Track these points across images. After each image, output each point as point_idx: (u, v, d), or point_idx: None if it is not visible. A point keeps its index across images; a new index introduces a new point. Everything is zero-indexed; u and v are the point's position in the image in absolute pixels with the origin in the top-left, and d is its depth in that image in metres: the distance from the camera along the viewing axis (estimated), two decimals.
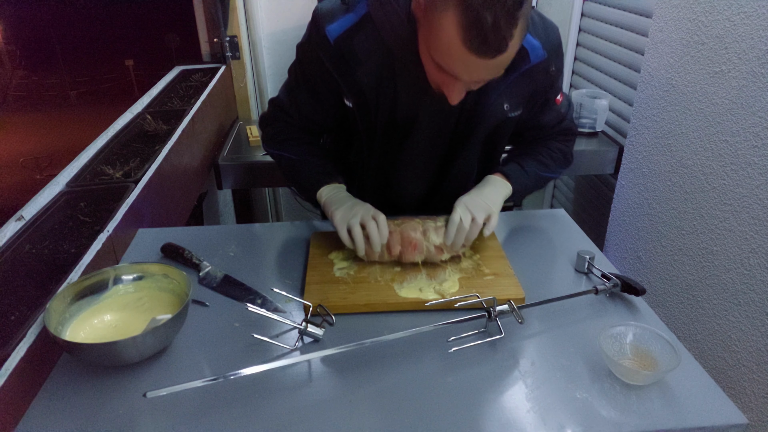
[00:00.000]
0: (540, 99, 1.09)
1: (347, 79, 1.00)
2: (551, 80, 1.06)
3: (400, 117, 1.05)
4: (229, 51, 2.16)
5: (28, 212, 1.06)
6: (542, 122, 1.14)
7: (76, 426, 0.70)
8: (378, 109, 1.03)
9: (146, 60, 3.01)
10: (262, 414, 0.72)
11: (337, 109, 1.09)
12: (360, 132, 1.09)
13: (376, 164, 1.14)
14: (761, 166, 1.22)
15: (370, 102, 1.02)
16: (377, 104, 1.02)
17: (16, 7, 2.68)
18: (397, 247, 0.98)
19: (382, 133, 1.07)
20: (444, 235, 0.98)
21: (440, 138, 1.09)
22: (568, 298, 0.91)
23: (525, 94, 1.05)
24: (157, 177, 1.30)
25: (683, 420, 0.71)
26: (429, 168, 1.16)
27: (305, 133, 1.16)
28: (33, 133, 2.57)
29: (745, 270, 1.27)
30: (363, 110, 1.04)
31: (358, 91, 1.01)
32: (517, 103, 1.05)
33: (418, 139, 1.09)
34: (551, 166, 1.16)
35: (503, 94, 1.02)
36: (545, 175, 1.15)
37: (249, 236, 1.16)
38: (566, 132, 1.18)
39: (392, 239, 0.97)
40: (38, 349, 0.77)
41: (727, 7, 1.29)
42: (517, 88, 1.02)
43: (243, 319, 0.89)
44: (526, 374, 0.78)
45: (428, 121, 1.06)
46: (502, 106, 1.03)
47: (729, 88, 1.30)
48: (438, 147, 1.11)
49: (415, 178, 1.17)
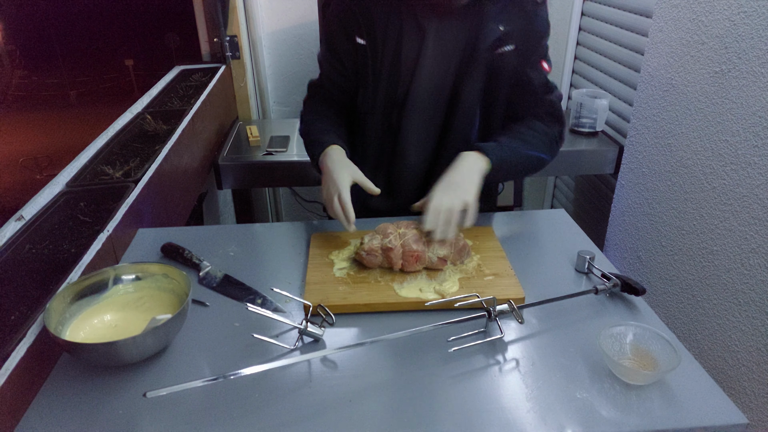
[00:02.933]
0: (530, 40, 1.12)
1: (362, 9, 1.11)
2: (540, 21, 1.11)
3: (405, 54, 1.12)
4: (229, 51, 2.16)
5: (28, 212, 1.06)
6: (532, 80, 1.14)
7: (76, 426, 0.70)
8: (385, 47, 1.11)
9: (146, 60, 3.01)
10: (262, 414, 0.72)
11: (351, 61, 1.17)
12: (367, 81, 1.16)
13: (378, 134, 1.21)
14: (761, 166, 1.22)
15: (378, 38, 1.11)
16: (384, 42, 1.11)
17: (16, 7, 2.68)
18: (399, 262, 0.97)
19: (387, 77, 1.14)
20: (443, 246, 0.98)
21: (444, 78, 1.14)
22: (568, 298, 0.91)
23: (516, 21, 1.09)
24: (157, 177, 1.30)
25: (683, 420, 0.71)
26: (430, 133, 1.20)
27: (335, 104, 1.25)
28: (33, 133, 2.57)
29: (745, 270, 1.27)
30: (372, 47, 1.12)
31: (370, 22, 1.11)
32: (509, 31, 1.09)
33: (422, 87, 1.14)
34: (534, 144, 1.13)
35: (497, 19, 1.08)
36: (528, 152, 1.13)
37: (249, 236, 1.16)
38: (552, 110, 1.17)
39: (394, 254, 0.96)
40: (38, 349, 0.77)
41: (727, 6, 1.29)
42: (508, 13, 1.09)
43: (243, 319, 0.89)
44: (526, 374, 0.78)
45: (432, 57, 1.12)
46: (497, 28, 1.08)
47: (729, 88, 1.30)
48: (441, 95, 1.15)
49: (418, 139, 1.20)
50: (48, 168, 2.13)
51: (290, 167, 1.88)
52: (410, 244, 0.97)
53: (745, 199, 1.26)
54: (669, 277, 1.56)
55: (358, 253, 0.99)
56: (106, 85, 3.11)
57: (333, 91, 1.25)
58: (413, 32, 1.11)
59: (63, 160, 1.30)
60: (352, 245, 1.07)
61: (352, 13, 1.12)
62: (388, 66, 1.13)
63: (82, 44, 2.99)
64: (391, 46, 1.12)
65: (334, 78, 1.22)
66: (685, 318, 1.50)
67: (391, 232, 0.98)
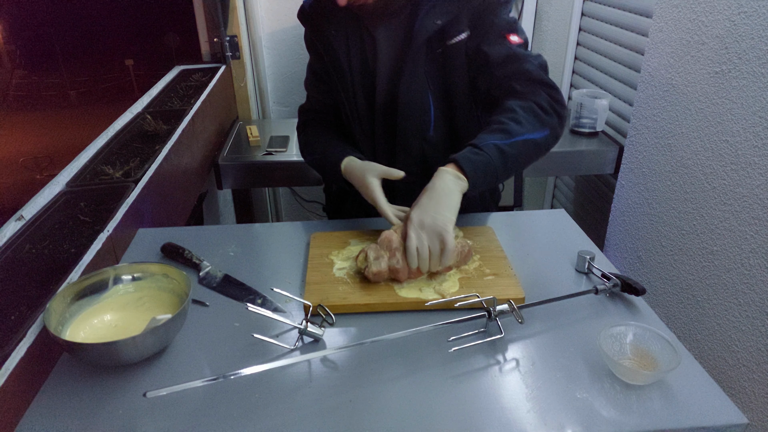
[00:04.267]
0: (484, 19, 1.06)
1: (318, 33, 1.15)
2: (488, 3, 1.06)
3: (365, 68, 1.15)
4: (229, 51, 2.16)
5: (28, 212, 1.06)
6: (489, 56, 1.05)
7: (76, 426, 0.70)
8: (350, 60, 1.14)
9: (146, 60, 3.00)
10: (262, 414, 0.72)
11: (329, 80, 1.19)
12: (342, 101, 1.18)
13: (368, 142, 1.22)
14: (761, 166, 1.22)
15: (340, 54, 1.13)
16: (348, 55, 1.14)
17: (16, 7, 2.68)
18: (406, 277, 0.95)
19: (360, 88, 1.16)
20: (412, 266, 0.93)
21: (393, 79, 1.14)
22: (568, 298, 0.91)
23: (457, 10, 1.06)
24: (157, 177, 1.30)
25: (683, 420, 0.71)
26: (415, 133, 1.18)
27: (329, 127, 1.26)
28: (33, 133, 2.57)
29: (745, 270, 1.27)
30: (336, 64, 1.15)
31: (328, 44, 1.14)
32: (452, 20, 1.06)
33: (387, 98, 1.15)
34: (517, 130, 0.99)
35: (432, 12, 1.06)
36: (511, 141, 0.98)
37: (249, 236, 1.16)
38: (532, 80, 1.05)
39: (401, 272, 0.93)
40: (38, 349, 0.77)
41: (727, 7, 1.29)
42: (446, 5, 1.06)
43: (243, 319, 0.89)
44: (526, 374, 0.78)
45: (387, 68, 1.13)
46: (433, 22, 1.06)
47: (729, 88, 1.30)
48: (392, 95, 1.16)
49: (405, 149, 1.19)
50: (48, 168, 2.13)
51: (290, 167, 1.88)
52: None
53: (745, 199, 1.26)
54: (669, 277, 1.56)
55: (365, 273, 0.95)
56: (106, 85, 3.11)
57: (325, 113, 1.27)
58: (366, 41, 1.13)
59: (63, 160, 1.30)
60: (353, 245, 1.07)
61: (310, 36, 1.19)
62: (358, 77, 1.15)
63: (82, 44, 2.99)
64: (355, 58, 1.14)
65: (323, 99, 1.26)
66: (685, 318, 1.50)
67: (396, 248, 0.94)
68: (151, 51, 2.92)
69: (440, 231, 0.90)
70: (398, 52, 1.12)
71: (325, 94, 1.24)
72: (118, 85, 3.06)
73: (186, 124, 1.58)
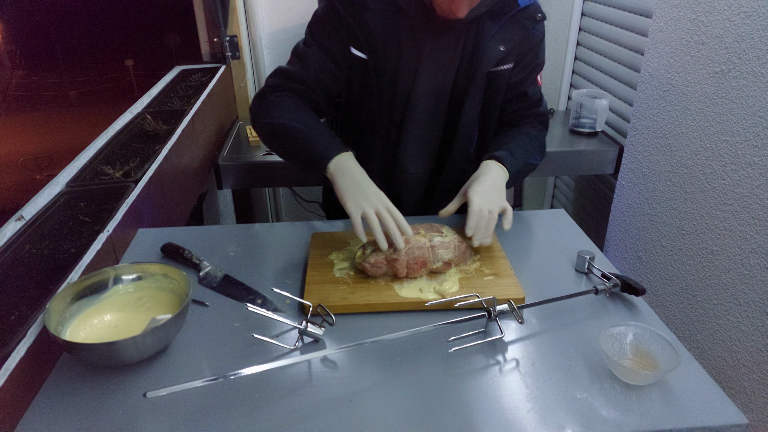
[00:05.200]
0: (528, 57, 1.15)
1: (359, 22, 1.07)
2: (538, 38, 1.14)
3: (403, 68, 1.11)
4: (229, 51, 2.16)
5: (28, 212, 1.06)
6: (528, 96, 1.20)
7: (76, 426, 0.70)
8: (386, 62, 1.10)
9: (146, 60, 3.00)
10: (262, 414, 0.72)
11: (345, 68, 1.14)
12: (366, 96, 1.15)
13: (379, 149, 1.20)
14: (761, 166, 1.22)
15: (378, 48, 1.09)
16: (384, 53, 1.09)
17: (16, 7, 2.68)
18: (404, 271, 0.95)
19: (388, 93, 1.14)
20: (465, 227, 1.01)
21: (441, 94, 1.15)
22: (568, 298, 0.91)
23: (516, 40, 1.11)
24: (157, 177, 1.30)
25: (683, 420, 0.71)
26: (429, 148, 1.22)
27: (309, 103, 1.12)
28: (33, 133, 2.56)
29: (745, 270, 1.27)
30: (375, 62, 1.10)
31: (368, 35, 1.08)
32: (509, 50, 1.11)
33: (420, 103, 1.15)
34: (533, 154, 1.18)
35: (497, 38, 1.09)
36: (530, 162, 1.17)
37: (249, 236, 1.16)
38: (542, 119, 1.24)
39: (399, 264, 0.94)
40: (38, 349, 0.77)
41: (727, 7, 1.29)
42: (509, 32, 1.10)
43: (243, 319, 0.89)
44: (526, 374, 0.78)
45: (429, 73, 1.12)
46: (498, 48, 1.10)
47: (729, 88, 1.30)
48: (439, 111, 1.17)
49: (418, 154, 1.21)
50: (48, 168, 2.13)
51: (290, 167, 1.87)
52: (414, 251, 0.95)
53: (745, 199, 1.26)
54: (669, 277, 1.56)
55: (362, 264, 0.96)
56: (106, 85, 3.10)
57: (315, 90, 1.13)
58: (410, 47, 1.09)
59: (63, 160, 1.29)
60: (353, 245, 1.07)
61: (347, 23, 1.08)
62: (388, 82, 1.12)
63: (82, 44, 2.99)
64: (391, 62, 1.10)
65: (323, 78, 1.13)
66: (685, 318, 1.49)
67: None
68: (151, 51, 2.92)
69: (500, 200, 1.04)
70: (446, 67, 1.12)
71: (332, 76, 1.13)
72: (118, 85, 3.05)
73: (186, 124, 1.58)
